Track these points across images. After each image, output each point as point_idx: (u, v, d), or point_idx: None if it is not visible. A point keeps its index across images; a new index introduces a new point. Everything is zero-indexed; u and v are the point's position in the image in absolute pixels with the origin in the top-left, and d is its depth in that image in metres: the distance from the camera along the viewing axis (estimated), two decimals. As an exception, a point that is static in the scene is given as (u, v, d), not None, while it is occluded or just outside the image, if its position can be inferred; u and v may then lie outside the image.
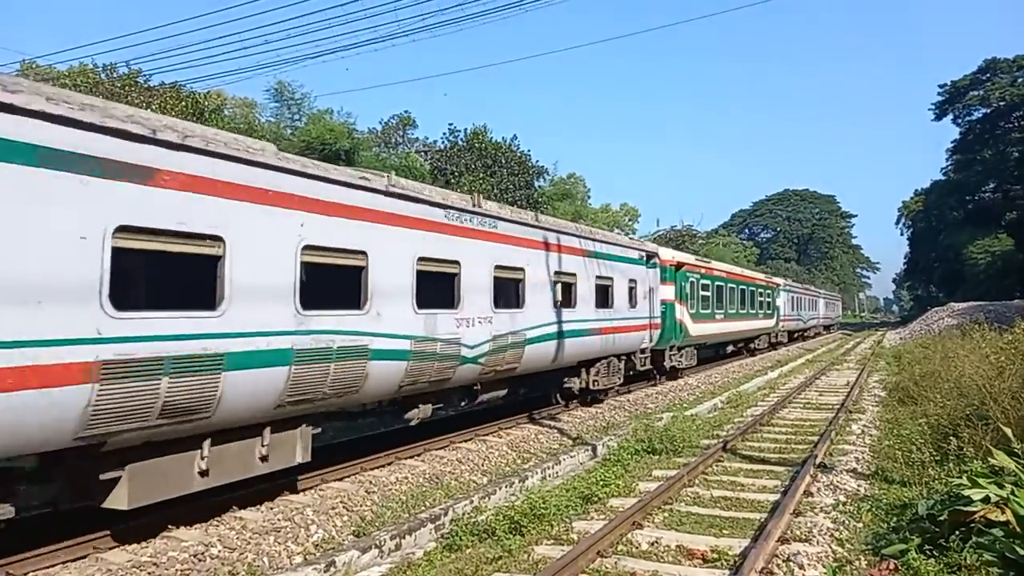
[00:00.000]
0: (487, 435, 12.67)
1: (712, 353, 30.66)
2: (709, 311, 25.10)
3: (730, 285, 28.49)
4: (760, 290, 34.63)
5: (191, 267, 6.68)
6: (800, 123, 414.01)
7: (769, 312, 36.35)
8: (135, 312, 5.96)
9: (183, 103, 28.19)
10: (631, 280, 17.41)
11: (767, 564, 6.38)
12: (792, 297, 44.77)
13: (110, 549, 6.67)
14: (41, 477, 6.20)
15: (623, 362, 17.27)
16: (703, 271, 24.98)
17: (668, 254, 22.02)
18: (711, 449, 11.28)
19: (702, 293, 24.32)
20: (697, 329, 23.29)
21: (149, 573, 6.20)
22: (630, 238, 24.57)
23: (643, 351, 18.51)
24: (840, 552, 6.71)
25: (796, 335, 49.07)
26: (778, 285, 39.77)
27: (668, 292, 20.82)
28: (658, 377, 21.32)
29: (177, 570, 6.30)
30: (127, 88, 27.11)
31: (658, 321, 19.38)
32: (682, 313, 21.77)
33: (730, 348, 31.86)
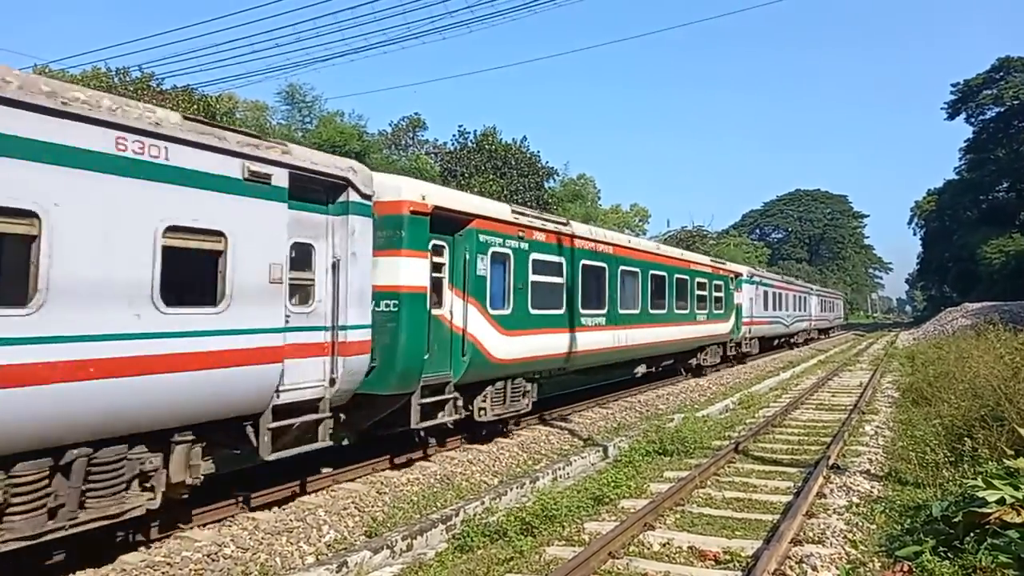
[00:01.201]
0: (497, 436, 12.66)
1: (607, 378, 20.05)
2: (560, 312, 13.46)
3: (624, 267, 16.47)
4: (701, 279, 22.69)
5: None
6: (811, 122, 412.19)
7: (722, 312, 24.81)
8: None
9: (195, 106, 28.39)
10: (210, 235, 6.84)
11: (779, 566, 6.35)
12: (766, 292, 32.93)
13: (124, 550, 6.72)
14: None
15: (185, 453, 6.75)
16: (534, 236, 12.66)
17: (412, 190, 9.87)
18: (723, 450, 11.24)
19: (536, 278, 12.59)
20: (517, 347, 11.90)
21: (163, 573, 6.25)
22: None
23: (298, 409, 7.79)
24: (853, 554, 6.66)
25: (778, 342, 38.96)
26: (738, 275, 27.98)
27: (415, 272, 9.64)
28: (424, 449, 11.04)
29: (191, 570, 6.34)
30: (140, 92, 27.32)
31: (363, 336, 8.54)
32: (466, 316, 10.73)
33: (641, 370, 19.54)
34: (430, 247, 10.06)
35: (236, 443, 7.47)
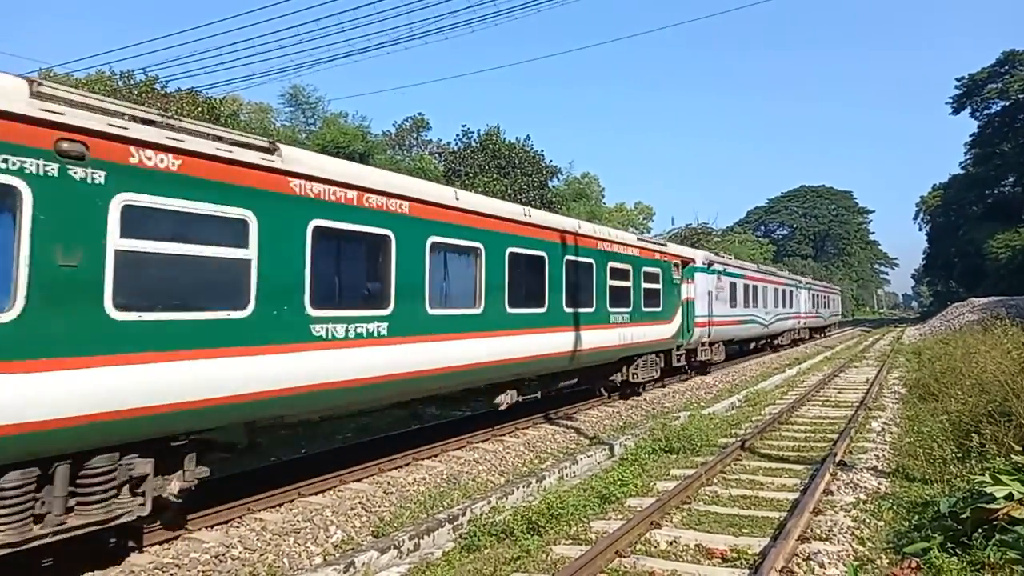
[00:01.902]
0: (504, 435, 12.68)
1: (417, 417, 14.47)
2: (240, 315, 7.00)
3: (441, 240, 10.16)
4: (620, 264, 15.97)
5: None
6: (816, 119, 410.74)
7: (658, 311, 18.03)
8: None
9: (199, 109, 28.46)
10: None
11: (787, 563, 6.34)
12: (734, 284, 26.45)
13: (132, 551, 6.75)
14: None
15: None
16: (133, 159, 6.15)
17: None
18: (729, 448, 11.22)
19: (132, 246, 6.08)
20: (36, 393, 5.31)
21: (171, 574, 6.27)
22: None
23: None
24: (861, 551, 6.66)
25: (758, 345, 33.56)
26: (688, 262, 20.89)
27: None
28: None
29: (199, 571, 6.36)
30: (144, 95, 27.38)
31: None
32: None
33: (509, 399, 12.58)
34: None
35: None
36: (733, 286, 26.43)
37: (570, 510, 7.89)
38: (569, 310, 13.58)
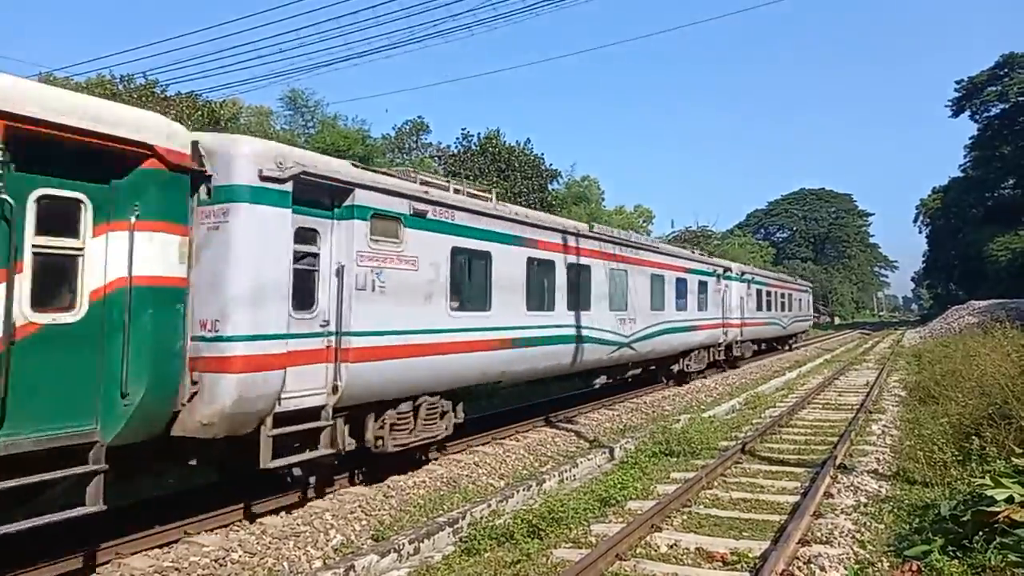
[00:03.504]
0: (504, 438, 12.66)
1: None
2: None
3: None
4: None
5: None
6: (816, 122, 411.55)
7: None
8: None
9: (199, 112, 28.48)
10: None
11: (788, 566, 6.33)
12: (463, 259, 10.40)
13: (133, 554, 6.75)
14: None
15: None
16: None
17: None
18: (729, 451, 11.21)
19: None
20: None
21: (171, 578, 6.27)
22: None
23: None
24: (862, 554, 6.65)
25: (614, 381, 17.16)
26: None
27: None
28: None
29: (198, 575, 6.36)
30: (144, 98, 27.41)
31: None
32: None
33: None
34: None
35: None
36: (468, 261, 10.80)
37: (570, 513, 7.89)
38: None
